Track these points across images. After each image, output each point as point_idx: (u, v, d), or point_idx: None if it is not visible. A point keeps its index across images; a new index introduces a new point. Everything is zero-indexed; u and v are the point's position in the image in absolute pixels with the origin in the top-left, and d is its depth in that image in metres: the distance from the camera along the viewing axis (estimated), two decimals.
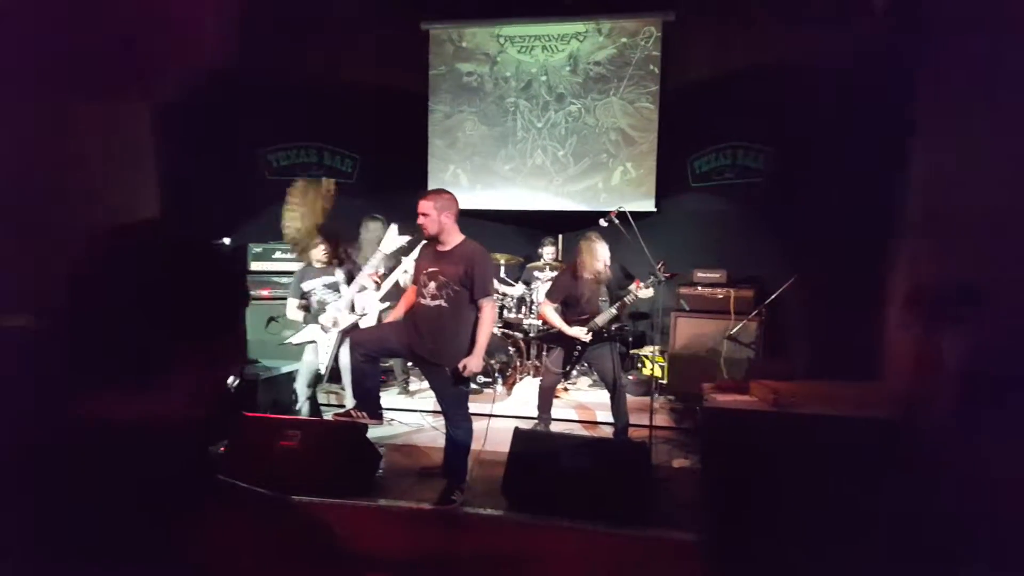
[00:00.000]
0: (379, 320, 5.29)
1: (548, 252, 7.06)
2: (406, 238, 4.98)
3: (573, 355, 4.99)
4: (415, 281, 4.22)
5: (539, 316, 5.77)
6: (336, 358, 5.06)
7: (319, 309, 4.93)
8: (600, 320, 4.90)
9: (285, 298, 6.46)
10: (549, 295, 5.15)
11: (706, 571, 3.44)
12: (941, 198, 4.28)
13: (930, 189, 4.51)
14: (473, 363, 3.95)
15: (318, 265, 4.94)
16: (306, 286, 4.97)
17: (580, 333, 4.89)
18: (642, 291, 4.78)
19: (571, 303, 5.02)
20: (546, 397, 5.15)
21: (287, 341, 5.05)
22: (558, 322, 4.97)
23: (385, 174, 7.85)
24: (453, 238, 4.07)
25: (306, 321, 5.00)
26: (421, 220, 3.99)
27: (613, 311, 4.88)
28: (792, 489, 3.56)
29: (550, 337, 5.19)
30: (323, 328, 4.88)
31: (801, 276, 5.58)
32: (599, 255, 4.92)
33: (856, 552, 3.10)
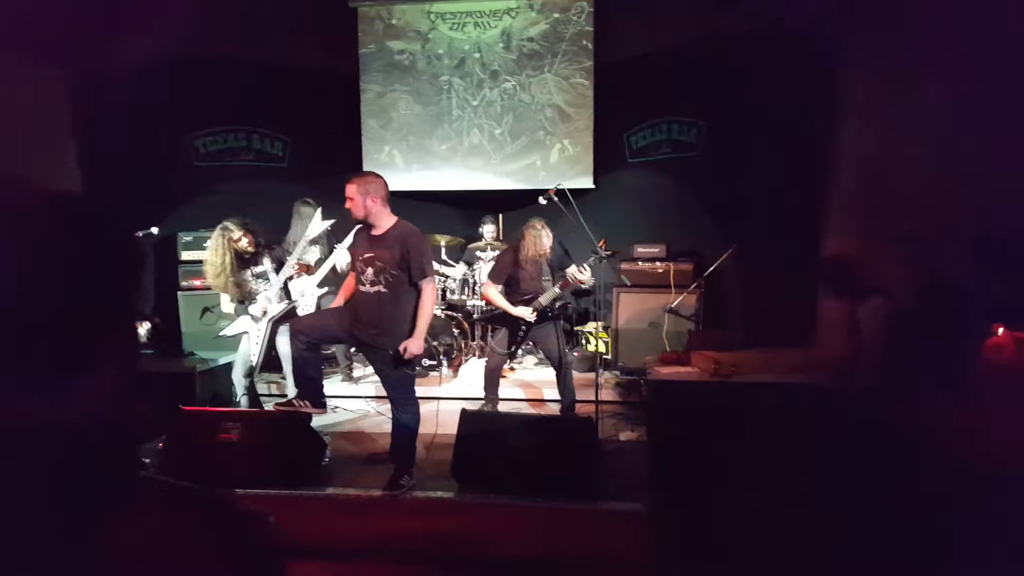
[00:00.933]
0: (318, 307, 5.19)
1: (488, 231, 7.00)
2: (330, 222, 4.88)
3: (518, 335, 4.98)
4: (352, 268, 4.14)
5: (483, 297, 5.74)
6: (275, 347, 4.94)
7: (251, 299, 4.80)
8: (544, 299, 4.90)
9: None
10: (492, 276, 5.12)
11: (656, 539, 3.49)
12: (872, 166, 4.41)
13: (861, 158, 4.64)
14: (414, 345, 3.89)
15: (245, 256, 4.79)
16: (236, 277, 4.83)
17: (524, 313, 4.88)
18: (582, 275, 4.79)
19: (514, 283, 5.01)
20: (492, 378, 5.13)
21: (221, 333, 4.91)
22: (502, 302, 4.95)
23: (318, 157, 7.63)
24: (385, 221, 3.97)
25: (238, 312, 4.86)
26: (348, 205, 3.90)
27: (556, 290, 4.88)
28: (735, 455, 3.65)
29: (495, 318, 5.17)
30: (253, 318, 4.76)
31: (738, 248, 5.69)
32: (544, 245, 4.91)
33: (800, 513, 3.18)
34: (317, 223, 4.83)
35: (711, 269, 5.77)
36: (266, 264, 4.84)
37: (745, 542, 3.26)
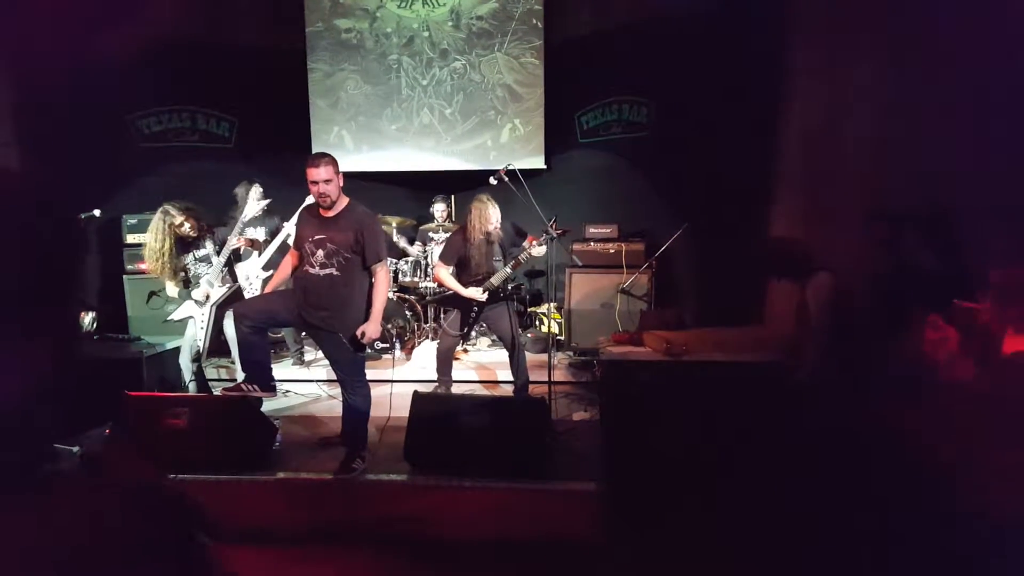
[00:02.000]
0: (262, 289, 5.10)
1: (439, 211, 6.96)
2: (266, 202, 4.78)
3: (470, 316, 4.96)
4: (297, 247, 4.05)
5: (434, 279, 5.70)
6: (222, 331, 4.84)
7: (194, 283, 4.69)
8: (495, 280, 4.88)
9: None
10: (443, 257, 5.08)
11: (609, 517, 3.54)
12: (823, 139, 4.48)
13: (812, 131, 4.72)
14: (371, 329, 3.87)
15: (187, 239, 4.66)
16: (176, 262, 4.70)
17: (476, 294, 4.86)
18: (535, 249, 4.78)
19: (465, 264, 4.98)
20: (445, 360, 5.11)
21: (168, 318, 4.79)
22: (453, 284, 4.93)
23: (266, 137, 7.46)
24: (340, 202, 3.93)
25: (182, 297, 4.74)
26: (323, 188, 3.77)
27: (507, 270, 4.87)
28: (686, 432, 3.71)
29: (446, 300, 5.14)
30: (197, 303, 4.65)
31: (689, 227, 5.75)
32: (490, 217, 4.89)
33: (750, 489, 3.26)
34: (253, 204, 4.71)
35: (662, 249, 5.82)
36: (208, 247, 4.72)
37: (696, 518, 3.33)
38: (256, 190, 4.77)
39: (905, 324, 3.04)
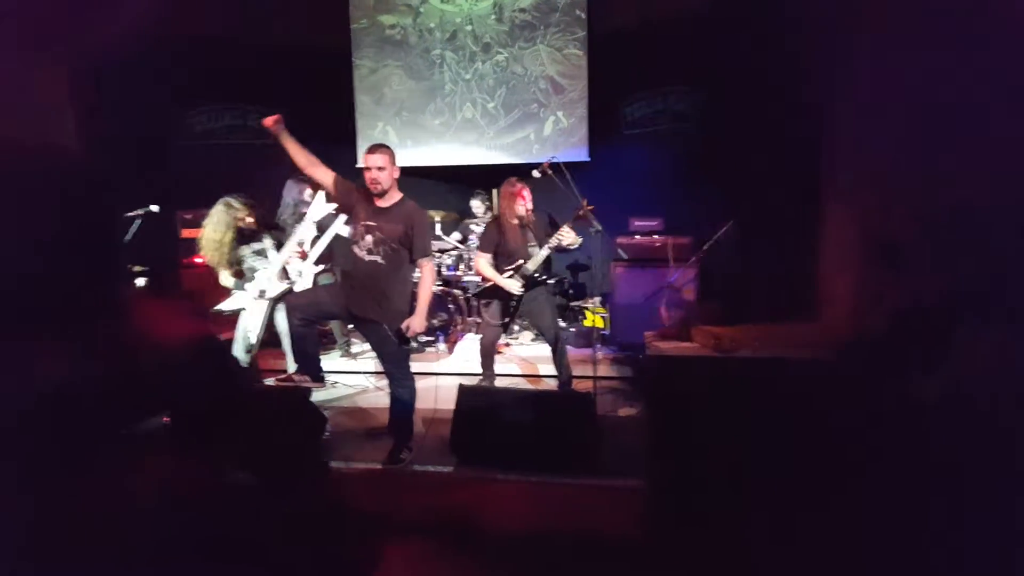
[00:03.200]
0: (315, 283, 5.15)
1: (476, 205, 6.98)
2: (333, 206, 4.81)
3: (510, 306, 4.93)
4: (350, 215, 4.17)
5: (474, 268, 5.70)
6: (273, 324, 4.91)
7: (249, 276, 4.76)
8: (531, 265, 4.83)
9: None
10: (481, 247, 5.07)
11: (655, 514, 3.50)
12: (875, 134, 4.35)
13: (863, 125, 4.58)
14: (416, 323, 3.91)
15: (246, 232, 4.74)
16: (234, 254, 4.77)
17: (513, 285, 4.83)
18: (567, 236, 4.73)
19: (502, 252, 4.95)
20: (487, 353, 5.11)
21: (216, 308, 4.86)
22: (491, 273, 4.90)
23: (313, 134, 7.53)
24: (393, 194, 4.01)
25: (235, 288, 4.82)
26: (376, 174, 3.89)
27: (544, 252, 4.82)
28: (736, 429, 3.64)
29: (486, 292, 5.13)
30: (252, 297, 4.72)
31: (737, 220, 5.64)
32: (529, 198, 4.86)
33: (801, 488, 3.18)
34: (320, 205, 4.73)
35: (710, 242, 5.73)
36: (266, 242, 4.79)
37: (745, 517, 3.27)
38: (321, 193, 4.78)
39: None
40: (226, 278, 4.81)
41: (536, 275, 4.88)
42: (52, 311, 0.68)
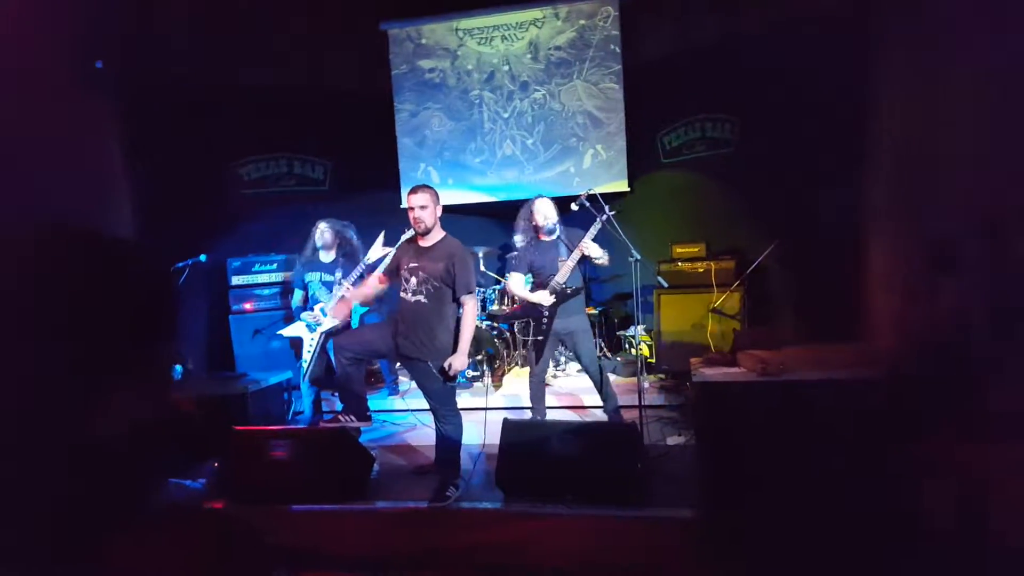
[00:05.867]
0: (361, 322, 5.26)
1: (519, 240, 7.03)
2: (389, 250, 4.90)
3: (542, 324, 4.84)
4: (388, 272, 4.25)
5: (507, 290, 5.68)
6: (329, 358, 5.00)
7: (309, 304, 4.91)
8: (560, 277, 4.78)
9: (268, 310, 6.43)
10: (514, 267, 5.06)
11: (707, 546, 3.43)
12: (914, 156, 4.28)
13: (903, 147, 4.51)
14: (458, 362, 3.97)
15: (325, 260, 4.89)
16: (307, 277, 4.93)
17: (543, 297, 4.75)
18: (589, 246, 4.70)
19: (535, 270, 4.95)
20: (536, 389, 5.10)
21: (279, 332, 5.03)
22: (520, 291, 4.87)
23: (357, 178, 7.81)
24: (436, 233, 4.11)
25: (297, 315, 4.96)
26: (419, 214, 4.00)
27: (570, 263, 4.75)
28: (788, 456, 3.57)
29: (517, 315, 5.11)
30: (308, 326, 4.85)
31: (780, 243, 5.58)
32: (544, 211, 4.86)
33: (857, 516, 3.10)
34: (379, 247, 4.79)
35: (753, 266, 5.67)
36: (336, 275, 4.91)
37: (799, 548, 3.19)
38: (380, 236, 4.86)
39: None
40: (297, 300, 4.98)
41: (566, 288, 4.82)
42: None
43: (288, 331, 4.94)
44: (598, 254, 4.76)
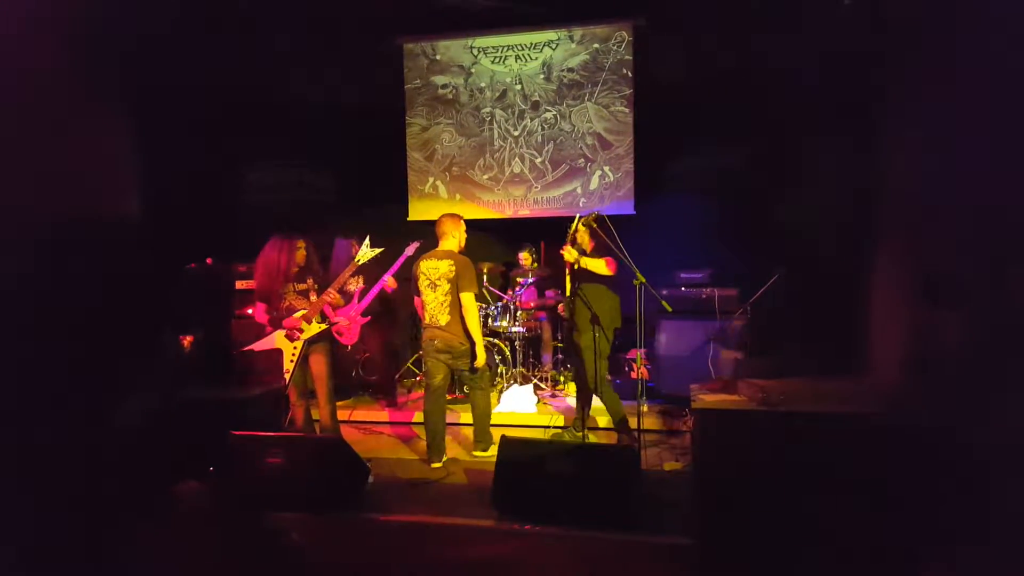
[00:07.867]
0: (361, 333, 5.29)
1: (523, 258, 7.11)
2: (379, 251, 4.96)
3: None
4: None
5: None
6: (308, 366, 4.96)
7: (285, 315, 4.87)
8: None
9: None
10: None
11: (701, 573, 3.41)
12: (917, 191, 4.28)
13: (906, 182, 4.52)
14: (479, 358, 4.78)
15: (295, 269, 4.89)
16: (283, 287, 4.91)
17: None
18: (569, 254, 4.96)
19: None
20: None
21: (247, 348, 4.94)
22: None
23: (366, 189, 7.87)
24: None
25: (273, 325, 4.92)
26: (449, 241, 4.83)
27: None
28: (784, 486, 3.55)
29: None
30: (286, 337, 4.81)
31: (784, 273, 5.58)
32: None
33: (849, 548, 3.08)
34: (366, 251, 4.90)
35: (757, 295, 5.67)
36: (309, 284, 4.91)
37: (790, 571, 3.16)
38: (367, 239, 4.93)
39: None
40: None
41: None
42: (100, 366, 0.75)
43: (259, 345, 4.88)
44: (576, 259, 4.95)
